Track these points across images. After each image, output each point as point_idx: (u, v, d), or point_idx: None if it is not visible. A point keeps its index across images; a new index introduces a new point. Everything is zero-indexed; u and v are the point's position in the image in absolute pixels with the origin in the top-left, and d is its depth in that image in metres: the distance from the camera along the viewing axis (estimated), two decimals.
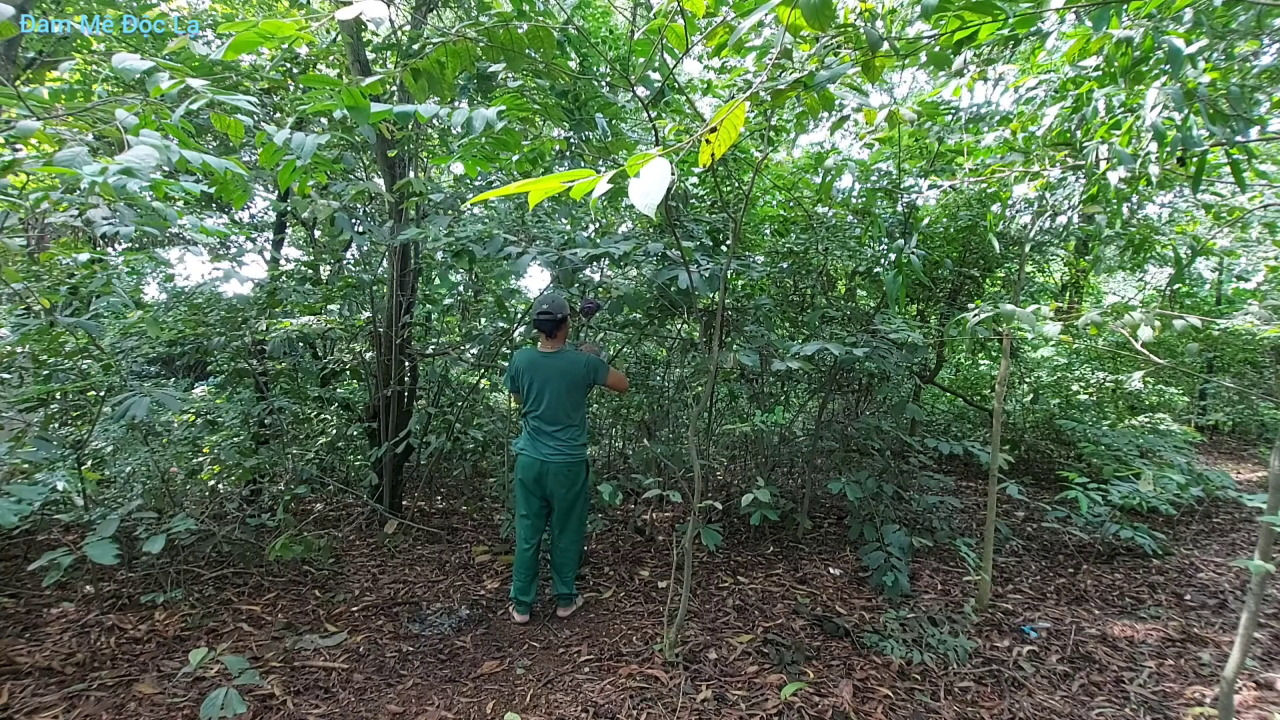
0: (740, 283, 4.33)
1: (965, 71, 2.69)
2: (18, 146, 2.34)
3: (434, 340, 5.08)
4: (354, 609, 3.19)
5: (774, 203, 4.70)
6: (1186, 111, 1.98)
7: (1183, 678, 2.75)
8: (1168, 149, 2.05)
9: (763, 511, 3.21)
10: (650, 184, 0.83)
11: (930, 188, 4.04)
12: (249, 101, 1.71)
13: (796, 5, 1.29)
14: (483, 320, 5.00)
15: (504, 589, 3.48)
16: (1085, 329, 2.50)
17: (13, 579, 3.17)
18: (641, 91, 3.04)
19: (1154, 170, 2.17)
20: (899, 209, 4.28)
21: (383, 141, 3.76)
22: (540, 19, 2.14)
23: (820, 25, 1.27)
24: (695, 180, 4.32)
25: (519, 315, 4.70)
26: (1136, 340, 2.20)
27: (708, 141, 1.05)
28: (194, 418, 4.42)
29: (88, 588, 3.12)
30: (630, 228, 4.56)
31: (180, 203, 3.79)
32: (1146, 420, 5.68)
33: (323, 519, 4.36)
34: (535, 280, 19.04)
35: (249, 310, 4.01)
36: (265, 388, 4.23)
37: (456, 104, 2.30)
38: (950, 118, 3.75)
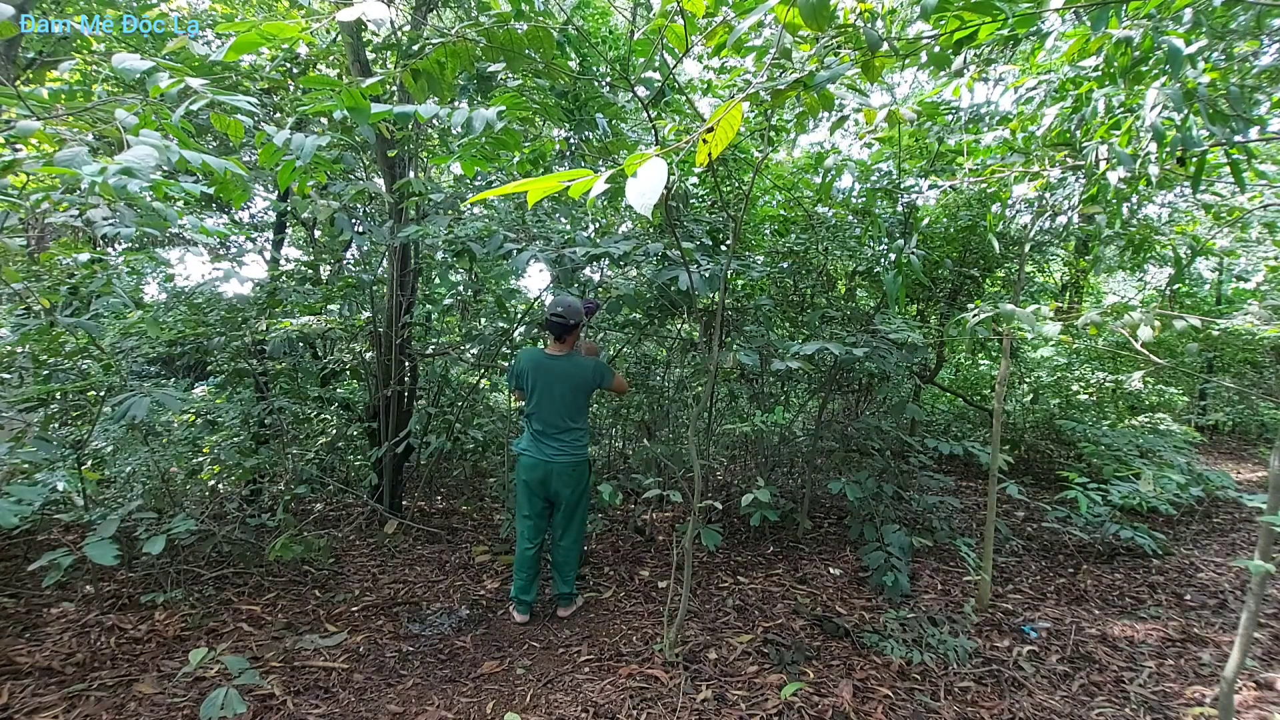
0: (740, 283, 4.33)
1: (965, 71, 2.69)
2: (18, 146, 2.34)
3: (434, 340, 5.08)
4: (354, 609, 3.19)
5: (774, 203, 4.70)
6: (1186, 112, 1.98)
7: (1183, 678, 2.75)
8: (1167, 149, 2.05)
9: (763, 511, 3.22)
10: (647, 184, 0.83)
11: (930, 188, 4.04)
12: (249, 102, 1.71)
13: (794, 4, 1.30)
14: (483, 320, 5.00)
15: (504, 589, 3.48)
16: (1085, 329, 2.50)
17: (13, 579, 3.17)
18: (641, 92, 3.04)
19: (1154, 170, 2.17)
20: (899, 209, 4.28)
21: (383, 141, 3.76)
22: (539, 19, 2.14)
23: (818, 25, 1.27)
24: (695, 180, 4.32)
25: (519, 315, 4.70)
26: (1136, 340, 2.20)
27: (705, 141, 1.05)
28: (194, 418, 4.43)
29: (88, 588, 3.13)
30: (630, 228, 4.56)
31: (180, 203, 3.79)
32: (1146, 420, 5.68)
33: (323, 519, 4.36)
34: (535, 280, 19.04)
35: (249, 310, 4.01)
36: (265, 388, 4.23)
37: (456, 104, 2.30)
38: (950, 118, 3.75)
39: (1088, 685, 2.67)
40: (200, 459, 4.14)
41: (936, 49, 1.81)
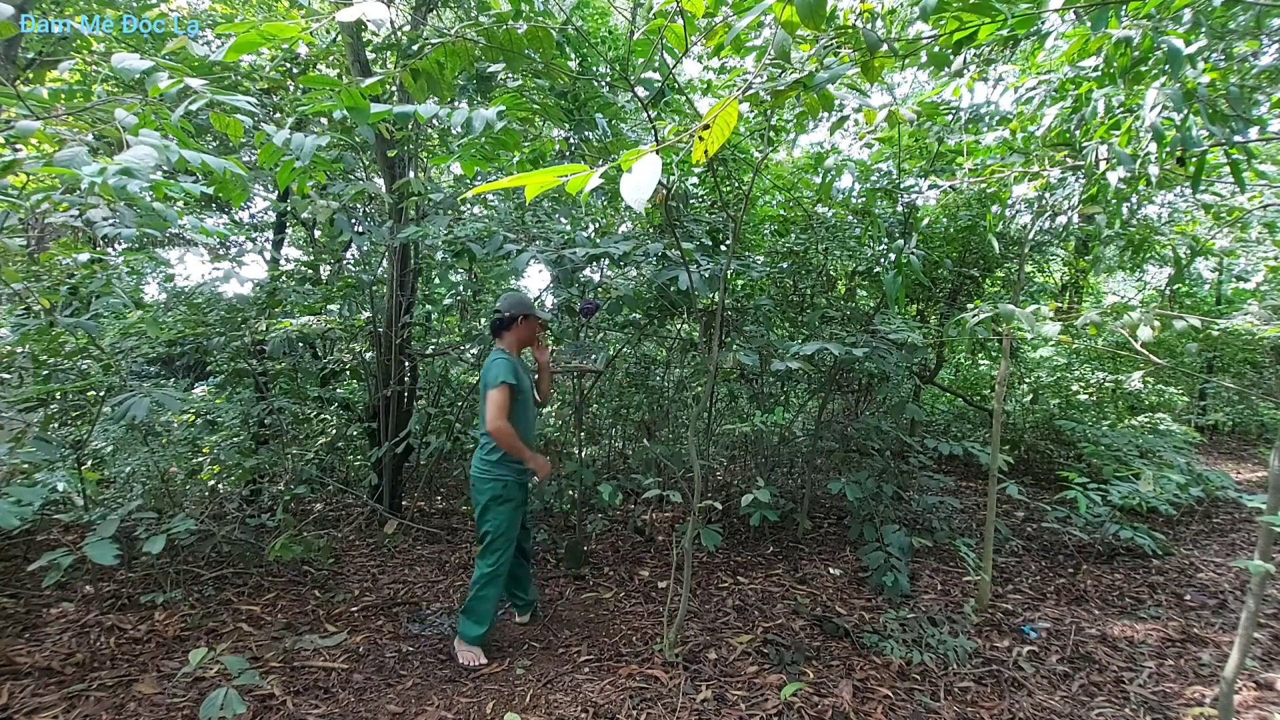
0: (740, 283, 4.33)
1: (965, 72, 2.69)
2: (18, 146, 2.34)
3: (434, 340, 5.09)
4: (354, 609, 3.19)
5: (774, 203, 4.70)
6: (1186, 112, 1.98)
7: (1183, 678, 2.75)
8: (1167, 149, 2.05)
9: (762, 512, 3.21)
10: (641, 179, 0.83)
11: (930, 188, 4.04)
12: (248, 102, 1.71)
13: (792, 3, 1.29)
14: (483, 320, 5.00)
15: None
16: (1085, 329, 2.50)
17: (13, 579, 3.17)
18: (641, 92, 3.04)
19: (1153, 170, 2.17)
20: (899, 209, 4.28)
21: (382, 141, 3.76)
22: (539, 19, 2.14)
23: (815, 24, 1.27)
24: (695, 180, 4.32)
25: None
26: (1136, 340, 2.20)
27: (701, 138, 1.05)
28: (194, 418, 4.43)
29: (87, 588, 3.13)
30: (630, 228, 4.56)
31: (180, 203, 3.79)
32: (1146, 420, 5.68)
33: (323, 519, 4.36)
34: (536, 280, 19.03)
35: (249, 310, 4.01)
36: (265, 388, 4.23)
37: (456, 104, 2.30)
38: (950, 118, 3.75)
39: (1088, 685, 2.67)
40: (200, 459, 4.14)
41: (936, 49, 1.81)
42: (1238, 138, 2.10)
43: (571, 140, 3.80)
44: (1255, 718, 2.46)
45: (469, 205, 4.50)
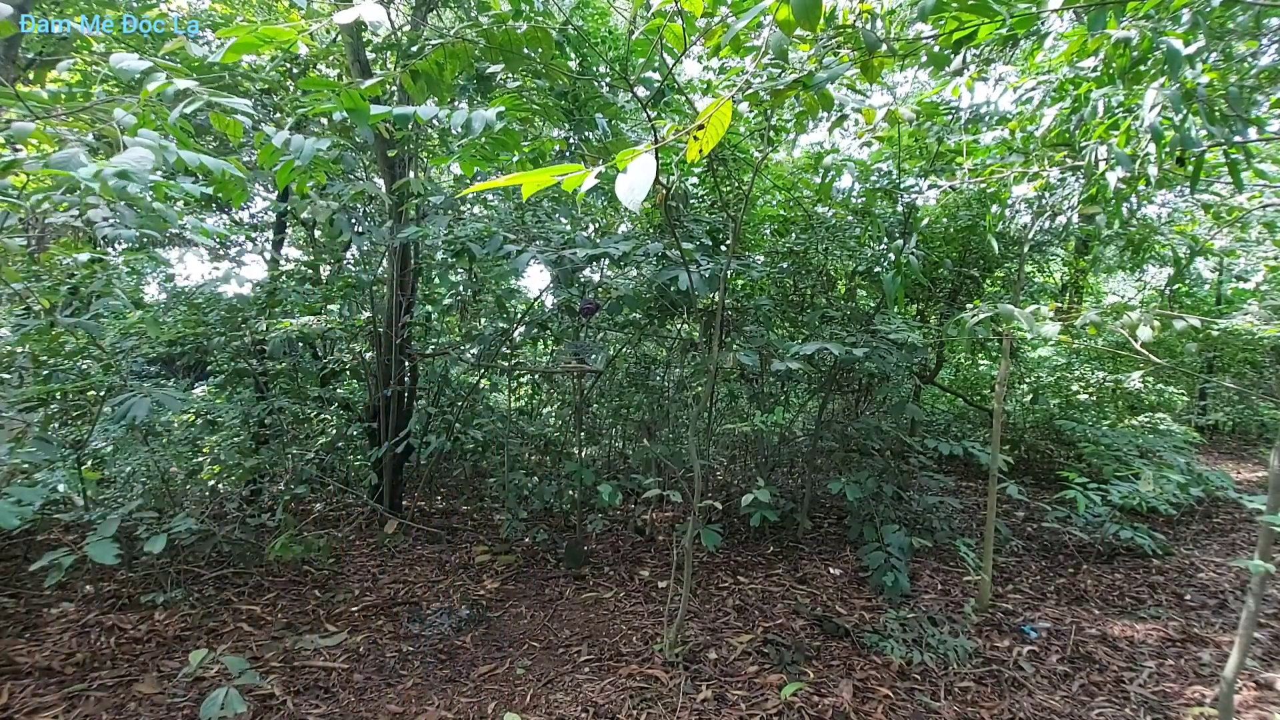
0: (740, 283, 4.33)
1: (964, 71, 2.69)
2: (18, 147, 2.34)
3: (434, 340, 5.09)
4: (354, 609, 3.19)
5: (774, 203, 4.70)
6: (1185, 112, 1.98)
7: (1183, 678, 2.75)
8: (1166, 149, 2.05)
9: (762, 512, 3.22)
10: (636, 179, 0.83)
11: (930, 188, 4.03)
12: (244, 104, 1.71)
13: (788, 2, 1.29)
14: (483, 320, 5.00)
15: (504, 589, 3.48)
16: (1085, 329, 2.50)
17: (13, 579, 3.17)
18: (641, 91, 3.04)
19: (1152, 170, 2.17)
20: (899, 209, 4.28)
21: (382, 141, 3.76)
22: (539, 19, 2.14)
23: (810, 24, 1.27)
24: (695, 180, 4.32)
25: (519, 315, 4.70)
26: (1136, 340, 2.21)
27: (695, 138, 1.05)
28: (194, 418, 4.43)
29: (88, 588, 3.13)
30: (630, 228, 4.56)
31: (180, 203, 3.79)
32: (1146, 420, 5.68)
33: (323, 519, 4.36)
34: (536, 280, 19.00)
35: (249, 310, 4.01)
36: (265, 388, 4.24)
37: (456, 104, 2.31)
38: (950, 118, 3.75)
39: (1088, 685, 2.67)
40: (200, 459, 4.14)
41: (936, 49, 1.82)
42: (1237, 138, 2.10)
43: (571, 140, 3.80)
44: (1255, 718, 2.46)
45: (469, 205, 4.50)
